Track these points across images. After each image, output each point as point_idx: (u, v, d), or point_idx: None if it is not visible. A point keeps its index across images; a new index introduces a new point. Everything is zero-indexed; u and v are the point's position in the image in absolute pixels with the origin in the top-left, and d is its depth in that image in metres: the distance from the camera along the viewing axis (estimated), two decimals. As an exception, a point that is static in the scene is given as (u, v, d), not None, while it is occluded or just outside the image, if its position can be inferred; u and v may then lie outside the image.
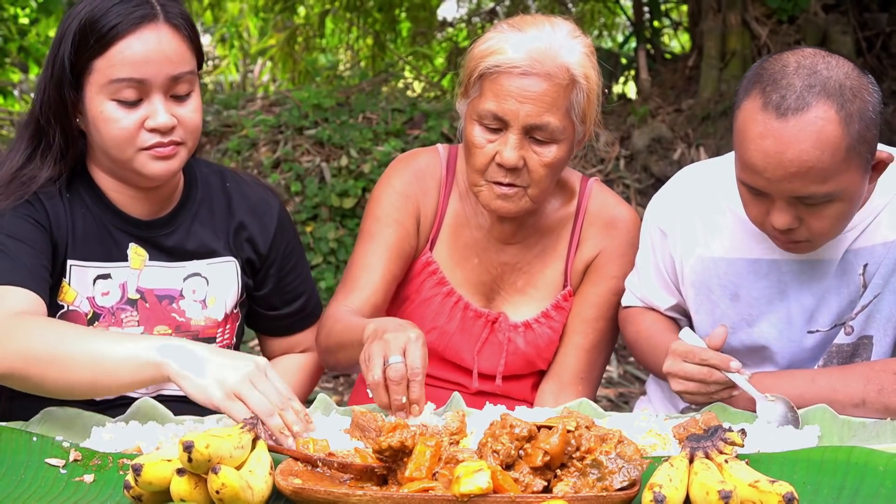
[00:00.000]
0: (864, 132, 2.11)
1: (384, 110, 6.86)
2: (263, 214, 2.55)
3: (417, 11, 8.96)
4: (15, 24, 8.04)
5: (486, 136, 2.42)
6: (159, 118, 2.26)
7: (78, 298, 2.38)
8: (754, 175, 2.15)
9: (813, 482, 1.84)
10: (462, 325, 2.62)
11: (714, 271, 2.45)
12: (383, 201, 2.60)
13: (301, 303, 2.63)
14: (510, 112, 2.37)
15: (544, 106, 2.36)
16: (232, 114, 7.09)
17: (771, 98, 2.11)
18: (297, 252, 2.62)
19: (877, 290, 2.34)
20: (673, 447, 2.04)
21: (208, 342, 2.46)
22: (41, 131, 2.34)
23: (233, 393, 1.97)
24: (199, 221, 2.47)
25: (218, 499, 1.70)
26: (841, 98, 2.09)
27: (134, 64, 2.24)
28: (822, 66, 2.12)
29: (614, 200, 2.68)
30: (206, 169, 2.55)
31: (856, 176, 2.14)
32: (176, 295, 2.45)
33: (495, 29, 2.46)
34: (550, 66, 2.36)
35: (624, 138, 6.95)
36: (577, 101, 2.40)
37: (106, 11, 2.25)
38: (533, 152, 2.41)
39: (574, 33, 2.45)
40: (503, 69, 2.36)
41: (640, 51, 7.62)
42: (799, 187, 2.11)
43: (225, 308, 2.49)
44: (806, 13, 7.14)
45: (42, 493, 1.88)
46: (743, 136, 2.16)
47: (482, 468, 1.71)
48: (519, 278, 2.65)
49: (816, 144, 2.07)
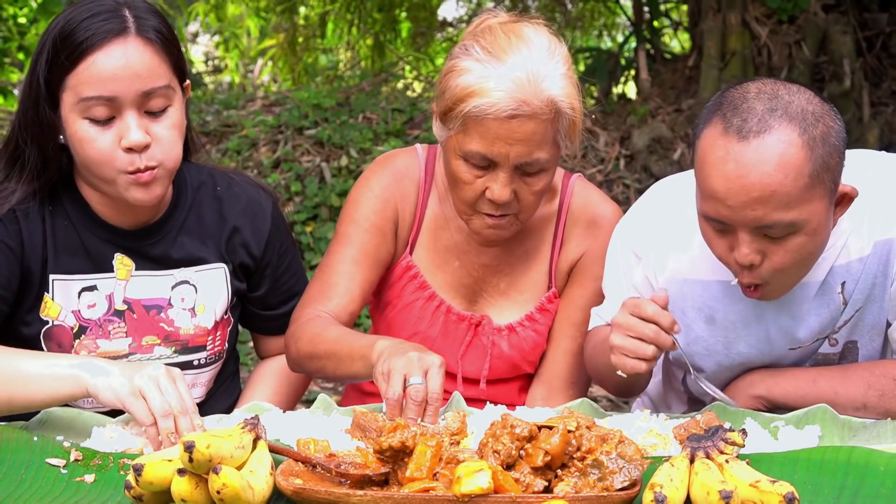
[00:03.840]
0: (828, 158, 2.04)
1: (384, 110, 6.86)
2: (256, 216, 2.51)
3: (417, 11, 8.96)
4: (15, 24, 8.05)
5: (473, 172, 2.35)
6: (132, 136, 2.20)
7: (62, 313, 2.36)
8: (716, 204, 2.07)
9: (813, 482, 1.84)
10: (445, 329, 2.57)
11: (689, 293, 2.37)
12: (361, 205, 2.54)
13: (297, 301, 2.61)
14: (500, 154, 2.30)
15: (534, 144, 2.30)
16: (232, 114, 7.10)
17: (732, 122, 2.05)
18: (291, 251, 2.60)
19: (857, 306, 2.29)
20: (673, 447, 2.04)
21: (198, 351, 2.46)
22: (19, 150, 2.29)
23: (138, 390, 2.05)
24: (186, 229, 2.43)
25: (219, 499, 1.70)
26: (804, 122, 2.03)
27: (101, 81, 2.18)
28: (783, 92, 2.07)
29: (597, 198, 2.62)
30: (196, 173, 2.49)
31: (820, 206, 2.06)
32: (164, 304, 2.42)
33: (469, 54, 2.34)
34: (536, 104, 2.28)
35: (624, 138, 6.96)
36: (563, 127, 2.34)
37: (77, 25, 2.19)
38: (523, 184, 2.36)
39: (551, 48, 2.34)
40: (490, 114, 2.27)
41: (640, 51, 7.63)
42: (762, 215, 2.03)
43: (215, 315, 2.46)
44: (806, 13, 7.14)
45: (43, 493, 1.88)
46: (703, 163, 2.08)
47: (483, 468, 1.71)
48: (501, 280, 2.59)
49: (779, 168, 2.01)
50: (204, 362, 2.47)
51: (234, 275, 2.49)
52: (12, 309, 2.33)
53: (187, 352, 2.44)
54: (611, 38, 9.52)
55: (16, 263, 2.30)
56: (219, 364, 2.52)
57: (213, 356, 2.48)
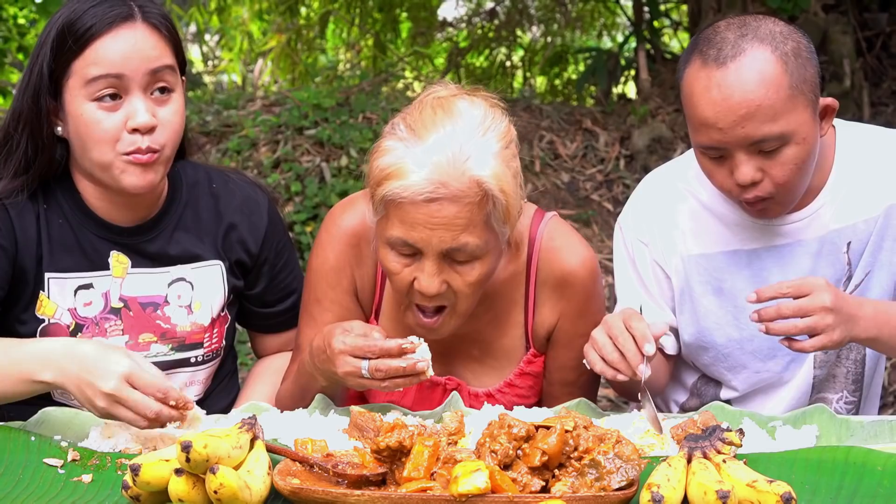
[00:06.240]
0: (802, 71, 2.21)
1: (384, 110, 6.86)
2: (252, 213, 2.52)
3: (417, 11, 8.95)
4: (15, 24, 8.05)
5: (400, 260, 2.19)
6: (139, 117, 2.22)
7: (59, 311, 2.36)
8: (709, 130, 2.22)
9: (811, 482, 1.84)
10: (419, 397, 2.42)
11: (694, 269, 2.45)
12: (320, 279, 2.41)
13: (294, 299, 2.59)
14: (421, 240, 2.13)
15: (458, 229, 2.11)
16: (232, 114, 7.09)
17: (709, 54, 2.23)
18: (288, 248, 2.60)
19: (868, 268, 2.38)
20: (671, 447, 2.04)
21: (195, 348, 2.45)
22: (8, 140, 2.30)
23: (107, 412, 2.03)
24: (182, 226, 2.43)
25: (216, 499, 1.70)
26: (773, 41, 2.21)
27: (110, 61, 2.21)
28: (750, 20, 2.26)
29: (567, 248, 2.38)
30: (192, 171, 2.50)
31: (804, 115, 2.22)
32: (160, 301, 2.42)
33: (393, 133, 2.18)
34: (457, 185, 2.09)
35: (624, 138, 6.96)
36: (494, 212, 2.14)
37: (83, 14, 2.23)
38: (455, 273, 2.18)
39: (484, 124, 2.14)
40: (406, 198, 2.10)
41: (640, 51, 7.62)
42: (751, 130, 2.19)
43: (211, 312, 2.47)
44: (806, 13, 7.13)
45: (40, 493, 1.89)
46: (690, 97, 2.25)
47: (480, 468, 1.71)
48: (473, 347, 2.43)
49: (760, 83, 2.18)
50: (201, 360, 2.47)
51: (231, 272, 2.49)
52: (7, 307, 2.33)
53: (184, 349, 2.45)
54: (611, 38, 9.51)
55: (7, 261, 2.30)
56: (216, 362, 2.52)
57: (210, 353, 2.48)
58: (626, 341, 2.11)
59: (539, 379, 2.45)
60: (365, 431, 2.04)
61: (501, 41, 8.83)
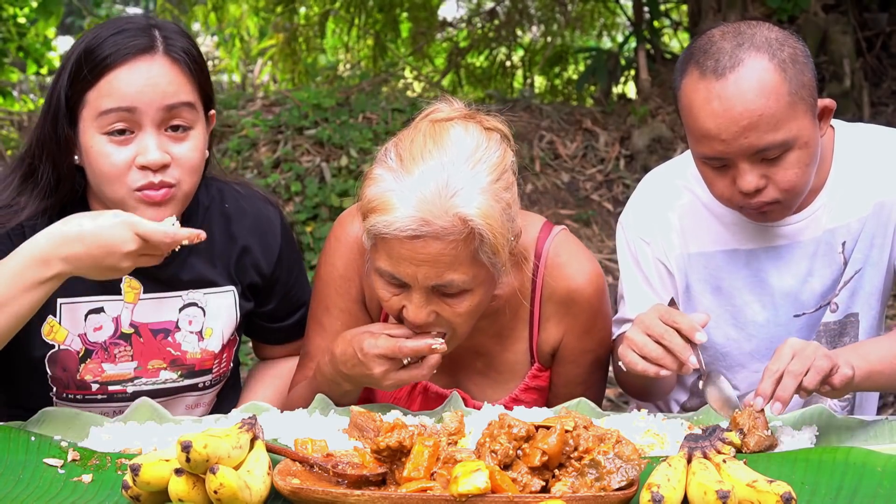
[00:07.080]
0: (801, 76, 2.22)
1: (384, 110, 6.86)
2: (266, 234, 2.47)
3: (417, 11, 8.96)
4: (14, 24, 8.05)
5: (390, 290, 2.17)
6: (150, 155, 2.16)
7: (69, 337, 2.32)
8: (711, 142, 2.21)
9: (811, 482, 1.84)
10: (423, 408, 2.40)
11: (694, 267, 2.46)
12: (329, 287, 2.41)
13: (304, 311, 2.56)
14: (407, 275, 2.10)
15: (443, 266, 2.08)
16: (232, 114, 7.09)
17: (706, 65, 2.21)
18: (298, 263, 2.57)
19: (857, 266, 2.39)
20: (671, 447, 2.04)
21: (204, 374, 2.43)
22: (34, 167, 2.26)
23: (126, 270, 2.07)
24: (196, 252, 2.36)
25: (216, 499, 1.70)
26: (770, 49, 2.21)
27: (123, 94, 2.15)
28: (744, 28, 2.25)
29: (573, 266, 2.35)
30: (205, 192, 2.43)
31: (804, 120, 2.22)
32: (171, 328, 2.39)
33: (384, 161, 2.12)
34: (441, 223, 2.04)
35: (624, 138, 6.96)
36: (482, 247, 2.09)
37: (102, 42, 2.17)
38: (445, 305, 2.15)
39: (475, 156, 2.09)
40: (389, 234, 2.06)
41: (640, 51, 7.63)
42: (755, 140, 2.18)
43: (222, 339, 2.43)
44: (806, 13, 7.14)
45: (40, 492, 1.88)
46: (690, 110, 2.24)
47: (480, 468, 1.71)
48: (477, 360, 2.41)
49: (760, 93, 2.18)
50: (209, 384, 2.46)
51: (243, 295, 2.46)
52: None
53: (193, 375, 2.42)
54: (611, 38, 9.51)
55: None
56: (223, 383, 2.51)
57: (217, 378, 2.47)
58: (672, 336, 2.09)
59: (544, 393, 2.44)
60: (365, 431, 2.04)
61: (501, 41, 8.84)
